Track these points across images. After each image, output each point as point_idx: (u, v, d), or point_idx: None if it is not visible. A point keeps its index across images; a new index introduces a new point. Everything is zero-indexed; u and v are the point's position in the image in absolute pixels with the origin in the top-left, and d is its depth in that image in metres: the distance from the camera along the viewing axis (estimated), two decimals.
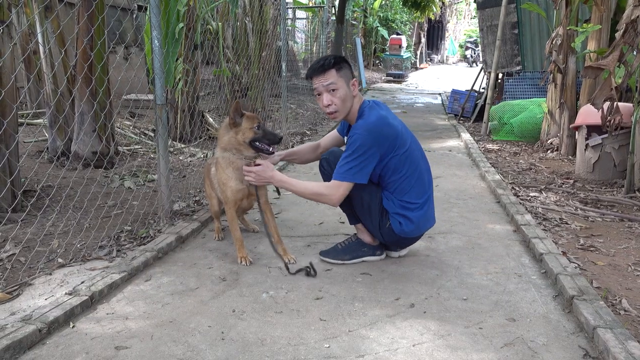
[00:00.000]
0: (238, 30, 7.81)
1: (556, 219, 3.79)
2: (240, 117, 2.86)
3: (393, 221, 2.82)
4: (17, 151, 3.54)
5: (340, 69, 2.73)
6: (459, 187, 4.79)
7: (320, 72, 2.71)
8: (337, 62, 2.73)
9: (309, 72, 2.79)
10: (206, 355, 2.06)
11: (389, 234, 2.87)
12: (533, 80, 8.00)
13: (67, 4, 6.22)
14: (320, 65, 2.72)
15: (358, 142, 2.63)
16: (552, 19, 6.72)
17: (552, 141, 6.43)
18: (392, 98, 13.13)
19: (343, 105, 2.74)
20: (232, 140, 2.87)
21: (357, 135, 2.65)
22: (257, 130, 2.84)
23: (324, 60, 2.75)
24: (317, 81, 2.74)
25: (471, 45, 29.17)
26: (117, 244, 3.11)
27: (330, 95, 2.72)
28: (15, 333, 2.05)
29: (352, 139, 2.66)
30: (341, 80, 2.72)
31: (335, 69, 2.71)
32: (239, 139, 2.85)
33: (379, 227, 2.87)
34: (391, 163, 2.73)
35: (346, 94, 2.73)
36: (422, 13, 18.90)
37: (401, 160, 2.75)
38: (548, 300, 2.58)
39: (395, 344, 2.17)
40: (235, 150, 2.90)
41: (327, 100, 2.72)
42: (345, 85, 2.73)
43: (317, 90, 2.75)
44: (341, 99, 2.72)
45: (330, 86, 2.70)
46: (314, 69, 2.74)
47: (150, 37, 3.26)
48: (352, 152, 2.65)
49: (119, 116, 6.68)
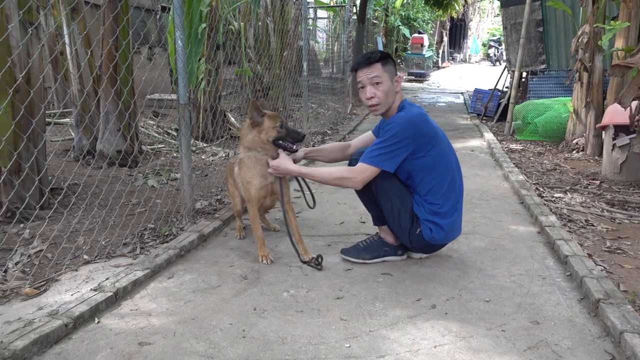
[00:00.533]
0: (260, 30, 7.86)
1: (582, 221, 3.72)
2: (261, 116, 2.89)
3: (424, 227, 2.80)
4: (44, 150, 3.62)
5: (386, 64, 2.76)
6: (482, 188, 4.74)
7: (366, 65, 2.76)
8: (383, 57, 2.78)
9: (355, 65, 2.84)
10: (227, 353, 2.08)
11: (418, 240, 2.85)
12: (558, 79, 7.86)
13: (93, 6, 6.34)
14: (366, 59, 2.77)
15: (394, 130, 2.65)
16: (578, 17, 6.60)
17: (578, 141, 6.31)
18: (413, 97, 13.05)
19: (385, 99, 2.76)
20: (256, 139, 2.91)
21: (395, 124, 2.67)
22: (280, 129, 2.88)
23: (370, 54, 2.80)
24: (362, 74, 2.78)
25: (494, 44, 28.80)
26: (140, 241, 3.15)
27: (374, 88, 2.75)
28: (42, 327, 2.10)
29: (389, 127, 2.68)
30: (385, 75, 2.75)
31: (381, 63, 2.75)
32: (263, 138, 2.89)
33: (408, 234, 2.84)
34: (424, 161, 2.73)
35: (389, 89, 2.76)
36: (444, 11, 18.75)
37: (435, 160, 2.75)
38: (573, 303, 2.54)
39: (416, 345, 2.16)
40: (259, 149, 2.93)
41: (370, 93, 2.75)
42: (389, 80, 2.76)
43: (362, 82, 2.79)
44: (384, 93, 2.75)
45: (374, 79, 2.74)
46: (360, 62, 2.80)
47: (174, 37, 3.30)
48: (387, 139, 2.67)
49: (143, 116, 6.78)
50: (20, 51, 3.23)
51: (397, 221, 2.84)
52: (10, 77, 3.17)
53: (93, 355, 2.04)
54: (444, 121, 9.21)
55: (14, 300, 2.38)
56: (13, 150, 3.25)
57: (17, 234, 3.12)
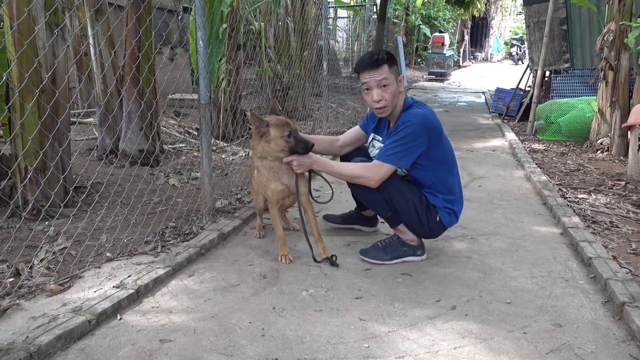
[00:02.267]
0: (280, 30, 7.89)
1: (606, 222, 3.65)
2: (265, 125, 2.80)
3: (442, 214, 2.88)
4: (69, 149, 3.69)
5: (392, 65, 2.72)
6: (503, 188, 4.68)
7: (373, 67, 2.69)
8: (389, 57, 2.72)
9: (359, 67, 2.76)
10: (247, 351, 2.09)
11: (437, 228, 2.93)
12: (582, 78, 7.71)
13: (116, 7, 6.43)
14: (374, 60, 2.68)
15: (412, 129, 2.66)
16: (604, 14, 6.46)
17: (603, 141, 6.19)
18: (434, 97, 12.95)
19: (392, 100, 2.74)
20: (267, 149, 2.84)
21: (410, 123, 2.68)
22: (288, 139, 2.78)
23: (376, 54, 2.71)
24: (368, 76, 2.71)
25: (517, 43, 28.38)
26: (161, 239, 3.19)
27: (382, 90, 2.71)
28: (66, 323, 2.14)
29: (405, 125, 2.68)
30: (392, 77, 2.72)
31: (388, 64, 2.70)
32: (273, 147, 2.80)
33: (427, 223, 2.87)
34: (437, 154, 2.79)
35: (396, 90, 2.74)
36: (466, 10, 18.53)
37: (445, 153, 2.84)
38: (597, 306, 2.49)
39: (435, 346, 2.14)
40: (272, 157, 2.89)
41: (378, 96, 2.71)
42: (395, 81, 2.73)
43: (368, 85, 2.73)
44: (391, 95, 2.73)
45: (382, 81, 2.69)
46: (366, 63, 2.70)
47: (195, 37, 3.33)
48: (403, 137, 2.67)
49: (165, 115, 6.87)
50: (47, 52, 3.30)
51: (413, 213, 2.84)
52: (36, 78, 3.25)
53: (115, 352, 2.07)
54: (465, 121, 9.12)
55: (39, 296, 2.43)
56: (39, 149, 3.32)
57: (43, 231, 3.19)
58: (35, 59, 3.20)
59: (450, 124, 8.76)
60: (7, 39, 3.21)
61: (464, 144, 6.88)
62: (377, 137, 3.03)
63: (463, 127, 8.36)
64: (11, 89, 3.28)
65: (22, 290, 2.47)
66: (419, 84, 16.68)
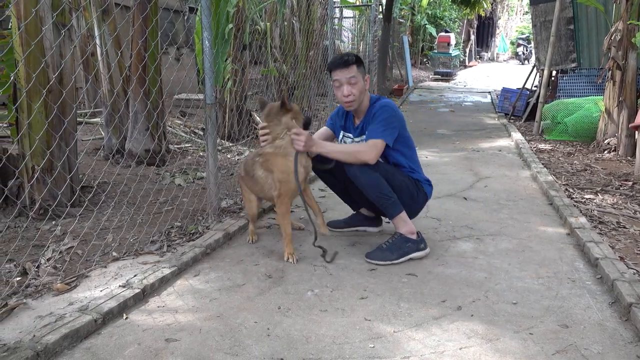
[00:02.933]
0: (286, 30, 7.89)
1: (613, 223, 3.63)
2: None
3: (426, 187, 3.21)
4: (76, 149, 3.71)
5: (359, 66, 3.08)
6: (509, 188, 4.66)
7: (344, 67, 3.05)
8: (357, 59, 3.08)
9: (331, 66, 3.12)
10: (252, 351, 2.10)
11: (423, 200, 3.23)
12: (589, 78, 7.67)
13: (123, 7, 6.46)
14: (344, 61, 3.06)
15: (390, 112, 3.05)
16: (611, 14, 6.43)
17: (610, 141, 6.15)
18: (439, 97, 12.92)
19: (359, 96, 3.09)
20: (290, 123, 2.98)
21: (388, 107, 3.07)
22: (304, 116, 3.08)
23: (347, 56, 3.09)
24: (339, 74, 3.06)
25: (523, 42, 28.27)
26: (167, 239, 3.20)
27: (351, 87, 3.04)
28: (73, 322, 2.15)
29: (382, 110, 3.05)
30: (360, 75, 3.07)
31: (356, 65, 3.05)
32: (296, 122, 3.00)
33: (417, 196, 3.17)
34: (406, 139, 3.18)
35: (362, 87, 3.09)
36: (472, 10, 18.50)
37: (410, 137, 3.22)
38: (604, 307, 2.48)
39: (441, 347, 2.14)
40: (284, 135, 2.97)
41: (348, 91, 3.05)
42: (362, 79, 3.09)
43: (339, 81, 3.06)
44: (359, 91, 3.07)
45: (351, 79, 3.04)
46: (338, 63, 3.08)
47: (201, 38, 3.34)
48: (386, 117, 3.02)
49: (171, 115, 6.89)
50: (54, 52, 3.32)
51: (407, 192, 3.11)
52: (43, 78, 3.26)
53: (121, 351, 2.08)
54: (471, 121, 9.10)
55: (46, 295, 2.45)
56: (46, 149, 3.34)
57: (49, 230, 3.21)
58: (43, 59, 3.22)
59: (456, 124, 8.74)
60: (14, 39, 3.23)
61: (470, 144, 6.86)
62: (347, 134, 3.31)
63: (469, 127, 8.33)
64: (19, 89, 3.30)
65: (29, 289, 2.49)
66: (424, 83, 16.65)
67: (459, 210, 3.99)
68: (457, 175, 5.16)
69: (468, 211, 3.97)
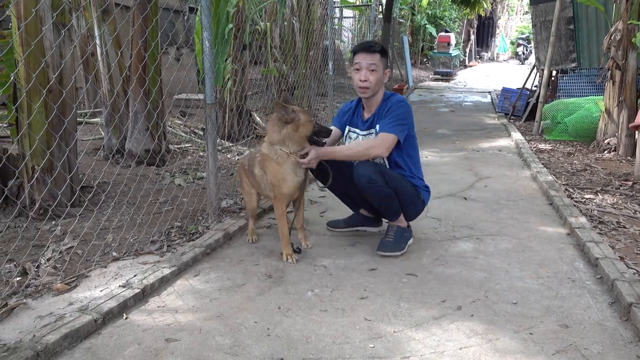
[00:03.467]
0: (286, 30, 7.90)
1: (613, 223, 3.63)
2: (292, 111, 2.86)
3: (424, 194, 3.23)
4: (76, 149, 3.70)
5: (383, 56, 3.08)
6: (509, 188, 4.66)
7: (368, 52, 3.05)
8: (382, 50, 3.10)
9: (357, 48, 3.13)
10: (252, 351, 2.10)
11: (422, 206, 3.26)
12: (589, 78, 7.67)
13: (123, 7, 6.46)
14: (370, 46, 3.07)
15: (404, 109, 3.05)
16: (611, 13, 6.42)
17: (610, 141, 6.15)
18: (439, 96, 12.92)
19: (375, 85, 3.07)
20: (292, 134, 2.87)
21: (402, 104, 3.07)
22: (315, 124, 2.94)
23: (373, 43, 3.12)
24: (362, 58, 3.05)
25: (523, 42, 28.26)
26: (167, 239, 3.20)
27: (369, 73, 3.03)
28: (73, 322, 2.15)
29: (397, 106, 3.05)
30: (381, 65, 3.06)
31: (380, 54, 3.06)
32: (301, 132, 2.87)
33: (417, 205, 3.21)
34: (413, 140, 3.17)
35: (380, 78, 3.08)
36: (472, 9, 18.50)
37: (415, 140, 3.21)
38: (604, 307, 2.48)
39: (441, 347, 2.14)
40: (292, 144, 2.89)
41: (365, 76, 3.03)
42: (382, 70, 3.08)
43: (359, 65, 3.05)
44: (376, 79, 3.05)
45: (372, 66, 3.03)
46: (364, 47, 3.09)
47: (201, 38, 3.34)
48: (400, 114, 3.02)
49: (171, 115, 6.88)
50: (54, 52, 3.32)
51: (409, 198, 3.13)
52: (43, 78, 3.26)
53: (121, 351, 2.08)
54: (471, 120, 9.09)
55: (46, 295, 2.45)
56: (46, 149, 3.34)
57: (49, 230, 3.21)
58: (43, 59, 3.21)
59: (456, 123, 8.74)
60: (14, 39, 3.23)
61: (470, 144, 6.86)
62: (352, 129, 3.29)
63: (469, 127, 8.33)
64: (19, 89, 3.30)
65: (29, 289, 2.49)
66: (424, 83, 16.64)
67: (459, 210, 3.99)
68: (457, 175, 5.16)
69: (468, 211, 3.97)
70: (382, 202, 3.04)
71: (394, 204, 3.06)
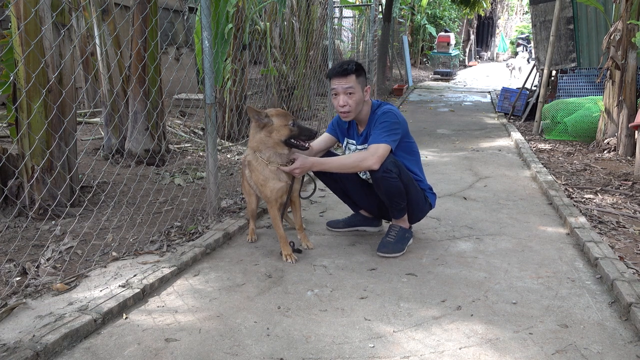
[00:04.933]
0: (285, 30, 7.89)
1: (613, 223, 3.63)
2: (265, 116, 2.83)
3: (430, 196, 3.24)
4: (75, 149, 3.70)
5: (359, 76, 2.98)
6: (509, 188, 4.66)
7: (342, 76, 2.95)
8: (357, 68, 2.97)
9: (330, 73, 3.03)
10: (252, 350, 2.10)
11: (427, 208, 3.26)
12: (589, 78, 7.67)
13: (123, 7, 6.45)
14: (343, 70, 2.95)
15: (393, 118, 2.98)
16: (611, 13, 6.43)
17: (609, 141, 6.16)
18: (439, 96, 12.92)
19: (356, 107, 3.00)
20: (266, 139, 2.84)
21: (391, 113, 3.00)
22: (292, 128, 2.83)
23: (347, 64, 2.97)
24: (337, 83, 2.97)
25: (523, 42, 28.27)
26: (167, 239, 3.20)
27: (347, 97, 2.96)
28: (72, 322, 2.15)
29: (386, 116, 2.98)
30: (358, 86, 2.97)
31: (355, 75, 2.95)
32: (274, 138, 2.82)
33: (423, 207, 3.22)
34: (409, 145, 3.14)
35: (360, 98, 3.00)
36: (471, 9, 18.50)
37: (414, 144, 3.20)
38: (603, 306, 2.48)
39: (441, 346, 2.14)
40: (269, 150, 2.87)
41: (343, 102, 2.97)
42: (360, 90, 2.99)
43: (336, 90, 2.98)
44: (355, 102, 2.98)
45: (348, 90, 2.95)
46: (337, 71, 2.97)
47: (201, 37, 3.34)
48: (390, 123, 2.96)
49: (170, 115, 6.89)
50: (53, 52, 3.32)
51: (418, 200, 3.14)
52: (43, 78, 3.26)
53: (121, 351, 2.08)
54: (471, 120, 9.10)
55: (45, 295, 2.45)
56: (45, 149, 3.34)
57: (49, 230, 3.21)
58: (42, 59, 3.22)
59: (456, 123, 8.74)
60: (14, 39, 3.23)
61: (469, 144, 6.86)
62: (350, 141, 3.28)
63: (469, 127, 8.33)
64: (18, 89, 3.30)
65: (28, 289, 2.49)
66: (424, 83, 16.65)
67: (458, 210, 3.99)
68: (457, 175, 5.16)
69: (468, 211, 3.97)
70: (391, 196, 3.00)
71: (402, 201, 3.04)
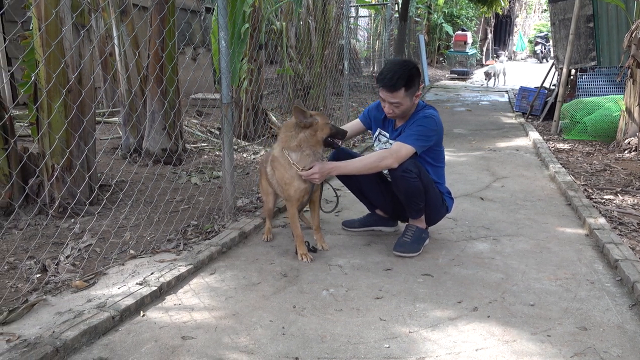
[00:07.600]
0: (301, 30, 7.90)
1: (634, 224, 3.57)
2: (310, 116, 2.88)
3: (447, 200, 3.24)
4: (94, 148, 3.75)
5: (410, 88, 2.90)
6: (527, 189, 4.61)
7: (389, 90, 2.90)
8: (408, 82, 2.88)
9: (379, 81, 2.95)
10: (267, 349, 2.11)
11: (445, 211, 3.26)
12: (609, 77, 7.55)
13: (141, 8, 6.52)
14: (392, 85, 2.87)
15: (431, 124, 2.97)
16: (632, 11, 6.32)
17: (630, 141, 6.05)
18: (456, 96, 12.82)
19: (402, 114, 3.03)
20: (310, 138, 2.88)
21: (431, 118, 2.98)
22: (332, 127, 2.93)
23: (397, 77, 2.85)
24: (384, 94, 2.94)
25: (541, 41, 27.93)
26: (184, 237, 3.23)
27: (394, 107, 2.96)
28: (91, 319, 2.18)
29: (424, 121, 2.97)
30: (407, 99, 2.93)
31: (405, 88, 2.88)
32: (318, 136, 2.89)
33: (441, 210, 3.21)
34: (439, 152, 3.16)
35: (408, 108, 3.00)
36: (489, 8, 18.31)
37: (443, 151, 3.21)
38: (624, 309, 2.44)
39: (457, 348, 2.12)
40: (309, 149, 2.89)
41: (389, 110, 2.99)
42: (409, 101, 2.96)
43: (383, 98, 2.97)
44: (402, 111, 3.00)
45: (395, 103, 2.93)
46: (386, 84, 2.89)
47: (218, 37, 3.36)
48: (424, 127, 2.95)
49: (187, 115, 6.94)
50: (73, 53, 3.36)
51: (436, 202, 3.14)
52: (63, 78, 3.31)
53: (138, 348, 2.10)
54: (488, 120, 9.01)
55: (65, 292, 2.48)
56: (65, 148, 3.39)
57: (69, 228, 3.26)
58: (62, 59, 3.26)
59: (473, 123, 8.67)
60: (35, 40, 3.29)
61: (486, 144, 6.80)
62: (383, 132, 3.26)
63: (486, 127, 8.26)
64: (39, 89, 3.35)
65: (48, 286, 2.53)
66: (440, 82, 16.54)
67: (475, 211, 3.96)
68: (474, 175, 5.12)
69: (485, 211, 3.94)
70: (410, 196, 2.99)
71: (420, 201, 3.03)
